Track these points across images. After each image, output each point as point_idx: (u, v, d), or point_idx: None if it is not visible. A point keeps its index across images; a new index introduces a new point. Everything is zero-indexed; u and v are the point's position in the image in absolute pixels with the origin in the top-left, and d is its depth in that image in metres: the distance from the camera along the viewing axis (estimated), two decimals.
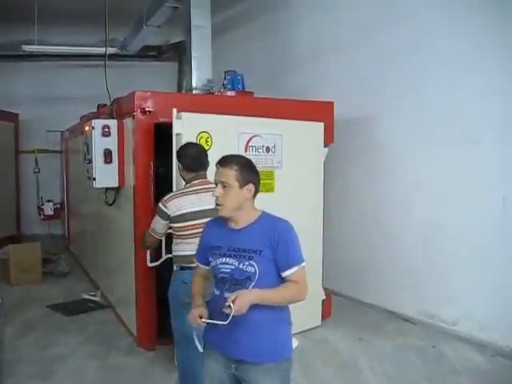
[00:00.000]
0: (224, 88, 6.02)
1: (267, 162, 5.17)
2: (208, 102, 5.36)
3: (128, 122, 5.19)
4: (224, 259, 2.50)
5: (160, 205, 3.67)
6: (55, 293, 7.12)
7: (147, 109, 4.82)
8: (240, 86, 6.03)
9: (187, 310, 2.75)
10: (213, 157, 4.11)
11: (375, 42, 6.48)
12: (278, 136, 5.24)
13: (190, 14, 6.36)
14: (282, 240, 2.45)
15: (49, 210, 10.23)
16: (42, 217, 10.21)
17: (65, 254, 9.23)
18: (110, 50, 8.55)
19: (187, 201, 3.63)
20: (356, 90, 6.74)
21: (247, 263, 2.43)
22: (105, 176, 5.36)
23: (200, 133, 4.66)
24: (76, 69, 11.24)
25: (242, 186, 2.48)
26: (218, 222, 2.65)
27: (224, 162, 2.51)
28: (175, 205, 3.61)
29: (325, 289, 5.94)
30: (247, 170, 2.52)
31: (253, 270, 2.42)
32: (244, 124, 5.05)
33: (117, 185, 5.46)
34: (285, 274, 2.46)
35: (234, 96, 5.75)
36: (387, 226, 6.34)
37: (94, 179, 5.32)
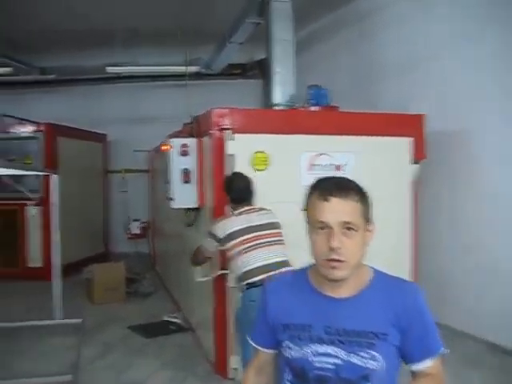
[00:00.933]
0: (307, 104, 5.76)
1: None
2: (287, 118, 5.15)
3: (206, 141, 5.04)
4: (321, 347, 1.66)
5: (211, 228, 4.03)
6: (137, 313, 7.06)
7: (224, 126, 4.64)
8: (325, 101, 5.75)
9: None
10: (272, 176, 4.40)
11: (469, 50, 6.00)
12: (350, 153, 5.02)
13: (271, 28, 6.17)
14: (418, 317, 1.69)
15: (135, 228, 10.29)
16: (129, 236, 10.29)
17: (150, 273, 9.24)
18: (193, 69, 8.59)
19: (233, 222, 3.88)
20: (451, 101, 6.26)
21: (365, 354, 1.62)
22: (183, 196, 5.20)
23: (256, 152, 4.70)
24: (162, 89, 11.34)
25: (365, 228, 1.71)
26: (288, 284, 1.85)
27: (342, 189, 1.67)
28: (222, 227, 3.89)
29: None
30: (367, 200, 1.78)
31: (375, 366, 1.61)
32: (307, 142, 4.93)
33: (196, 205, 5.30)
34: (417, 367, 1.70)
35: (315, 111, 5.45)
36: (490, 261, 5.75)
37: (172, 199, 5.18)
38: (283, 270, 3.58)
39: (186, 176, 5.14)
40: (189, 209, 5.58)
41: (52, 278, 6.31)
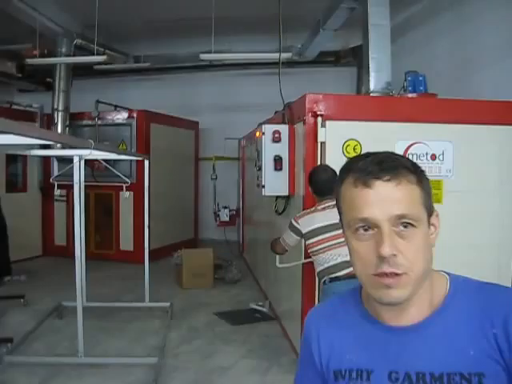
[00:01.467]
0: (404, 90, 5.51)
1: (433, 170, 4.68)
2: (382, 104, 4.93)
3: (299, 127, 4.92)
4: None
5: (292, 221, 3.94)
6: (224, 300, 7.10)
7: (319, 112, 4.50)
8: (422, 88, 5.47)
9: None
10: None
11: None
12: (448, 143, 4.73)
13: (367, 13, 5.94)
14: None
15: (224, 216, 10.36)
16: (218, 223, 10.37)
17: (238, 260, 9.25)
18: (285, 56, 8.45)
19: (315, 217, 3.79)
20: None
21: None
22: (275, 183, 5.12)
23: (347, 140, 4.51)
24: (254, 77, 11.30)
25: (429, 220, 1.18)
26: (337, 311, 1.34)
27: (390, 169, 1.12)
28: (306, 221, 3.82)
29: None
30: (427, 181, 1.19)
31: None
32: (402, 130, 4.71)
33: (287, 193, 5.21)
34: None
35: (412, 98, 5.19)
36: None
37: (264, 187, 5.11)
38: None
39: (278, 163, 5.05)
40: (279, 196, 5.51)
41: (143, 262, 6.43)
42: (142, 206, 6.74)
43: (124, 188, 6.21)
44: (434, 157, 4.70)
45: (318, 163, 4.49)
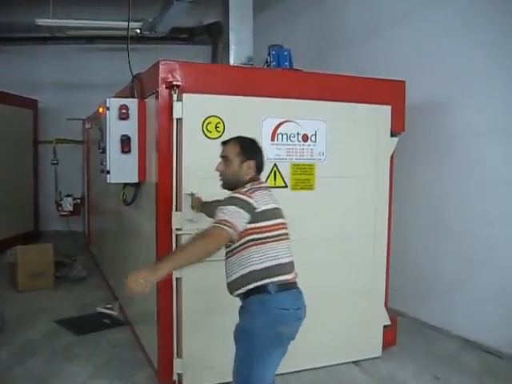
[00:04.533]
0: (268, 66, 4.95)
1: (305, 153, 4.22)
2: (247, 76, 4.28)
3: (151, 102, 4.17)
4: None
5: (239, 195, 2.68)
6: (67, 303, 6.16)
7: (174, 83, 3.79)
8: (287, 63, 4.94)
9: (279, 348, 2.59)
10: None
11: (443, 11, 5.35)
12: (321, 122, 4.26)
13: None
14: None
15: (68, 205, 9.28)
16: (60, 213, 9.30)
17: (83, 255, 8.36)
18: (135, 25, 7.62)
19: (270, 195, 2.81)
20: (424, 70, 5.58)
21: None
22: (121, 168, 4.32)
23: (208, 117, 3.85)
24: (101, 52, 10.36)
25: None
26: None
27: None
28: (261, 197, 2.71)
29: (388, 309, 4.85)
30: None
31: None
32: (270, 106, 4.12)
33: (136, 180, 4.43)
34: None
35: (282, 70, 4.61)
36: (461, 236, 5.19)
37: (108, 172, 4.29)
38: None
39: (126, 144, 4.25)
40: (128, 184, 4.73)
41: None
42: None
43: None
44: (305, 137, 4.19)
45: (174, 144, 3.80)
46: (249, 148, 2.88)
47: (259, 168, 2.90)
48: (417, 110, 5.15)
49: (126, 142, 4.25)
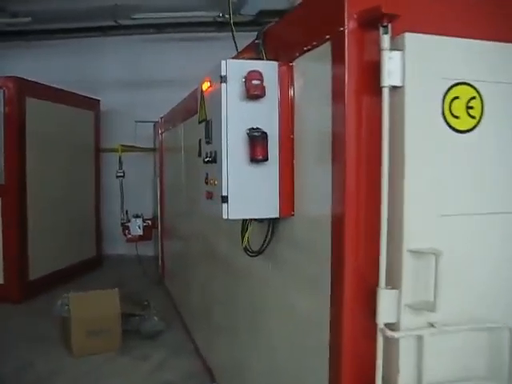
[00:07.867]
0: None
1: None
2: None
3: (308, 65, 2.15)
4: None
5: None
6: (135, 379, 4.27)
7: (383, 12, 1.74)
8: None
9: None
10: None
11: None
12: None
13: None
14: None
15: (137, 228, 7.61)
16: (127, 238, 7.62)
17: (155, 291, 6.71)
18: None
19: None
20: None
21: None
22: (250, 193, 2.30)
23: (454, 86, 1.89)
24: (172, 44, 9.09)
25: None
26: None
27: None
28: None
29: None
30: None
31: None
32: None
33: (277, 214, 2.37)
34: None
35: None
36: None
37: (226, 200, 2.27)
38: None
39: (259, 147, 2.24)
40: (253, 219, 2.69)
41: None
42: (14, 217, 5.90)
43: None
44: None
45: (385, 145, 1.78)
46: None
47: None
48: None
49: (259, 141, 2.24)
